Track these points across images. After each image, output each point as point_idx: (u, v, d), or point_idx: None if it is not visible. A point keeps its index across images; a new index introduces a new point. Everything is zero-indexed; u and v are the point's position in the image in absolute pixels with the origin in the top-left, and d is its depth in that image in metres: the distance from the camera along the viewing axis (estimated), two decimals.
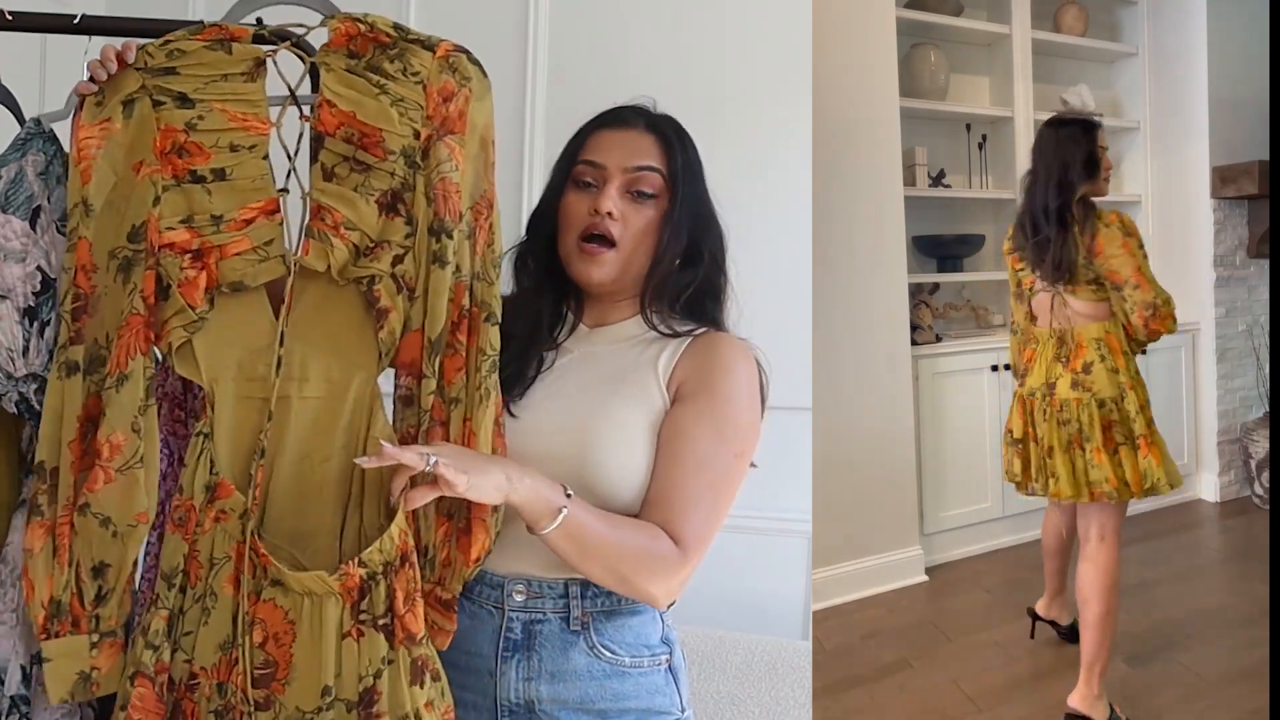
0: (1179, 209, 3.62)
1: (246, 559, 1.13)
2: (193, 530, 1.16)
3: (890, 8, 2.88)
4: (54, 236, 1.23)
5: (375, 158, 1.18)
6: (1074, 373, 2.19)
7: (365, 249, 1.19)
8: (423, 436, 1.18)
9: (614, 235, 1.25)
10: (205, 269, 1.17)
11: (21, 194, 1.22)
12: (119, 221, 1.18)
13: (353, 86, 1.19)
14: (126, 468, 1.15)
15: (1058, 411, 2.19)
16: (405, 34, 1.22)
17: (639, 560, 1.17)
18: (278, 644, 1.12)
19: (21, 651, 1.24)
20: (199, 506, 1.16)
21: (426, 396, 1.18)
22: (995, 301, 3.47)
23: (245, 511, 1.14)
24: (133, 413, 1.15)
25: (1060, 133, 2.24)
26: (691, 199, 1.29)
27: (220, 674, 1.13)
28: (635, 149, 1.28)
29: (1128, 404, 2.15)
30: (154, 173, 1.17)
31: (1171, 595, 2.83)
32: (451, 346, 1.19)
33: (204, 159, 1.18)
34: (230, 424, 1.18)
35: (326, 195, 1.18)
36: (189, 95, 1.18)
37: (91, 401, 1.17)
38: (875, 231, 2.86)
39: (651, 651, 1.27)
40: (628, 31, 2.63)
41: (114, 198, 1.18)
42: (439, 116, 1.19)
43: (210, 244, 1.18)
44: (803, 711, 2.07)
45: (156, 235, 1.17)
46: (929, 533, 3.05)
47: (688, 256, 1.30)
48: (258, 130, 1.19)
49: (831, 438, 2.63)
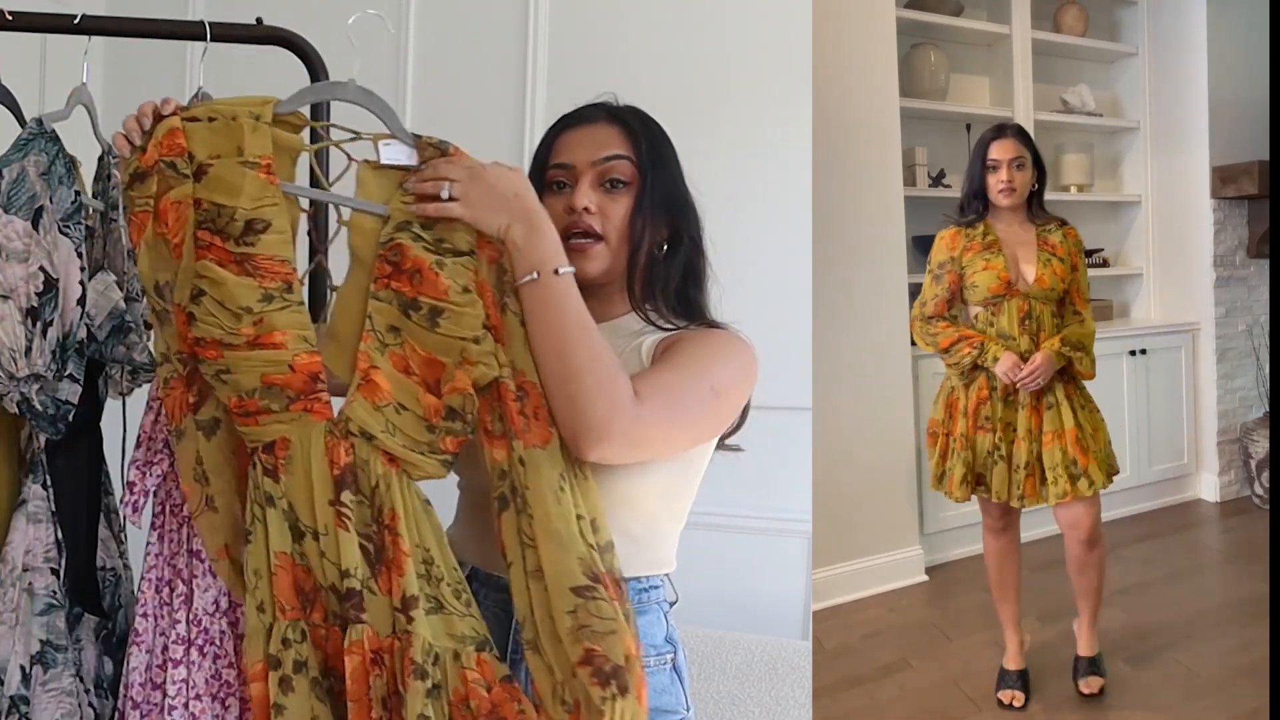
0: (1179, 209, 3.61)
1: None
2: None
3: (890, 8, 2.88)
4: (56, 237, 1.23)
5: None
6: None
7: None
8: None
9: (597, 229, 1.26)
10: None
11: (24, 194, 1.22)
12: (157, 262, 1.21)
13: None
14: (198, 513, 1.23)
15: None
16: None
17: (596, 369, 1.11)
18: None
19: (21, 651, 1.24)
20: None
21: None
22: None
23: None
24: (192, 465, 1.23)
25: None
26: (664, 182, 1.29)
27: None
28: (600, 141, 1.28)
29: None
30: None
31: (1171, 595, 2.83)
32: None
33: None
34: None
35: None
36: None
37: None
38: (875, 231, 2.86)
39: (657, 651, 1.27)
40: (628, 31, 2.63)
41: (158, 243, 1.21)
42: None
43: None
44: (803, 711, 2.07)
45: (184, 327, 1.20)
46: (929, 533, 3.04)
47: (671, 241, 1.30)
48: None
49: (831, 438, 2.63)
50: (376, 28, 1.37)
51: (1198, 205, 3.56)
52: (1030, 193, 2.26)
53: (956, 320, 2.28)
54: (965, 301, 2.27)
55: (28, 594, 1.27)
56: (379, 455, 1.16)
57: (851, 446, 2.77)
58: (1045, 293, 2.19)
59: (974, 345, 2.19)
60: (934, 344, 2.27)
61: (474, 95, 2.70)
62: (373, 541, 1.15)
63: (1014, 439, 2.20)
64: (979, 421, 2.22)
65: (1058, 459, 2.16)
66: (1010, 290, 2.19)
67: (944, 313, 2.26)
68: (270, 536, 1.17)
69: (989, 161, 2.24)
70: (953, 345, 2.22)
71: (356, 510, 1.15)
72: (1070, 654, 2.35)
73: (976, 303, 2.24)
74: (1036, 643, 2.45)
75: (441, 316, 1.14)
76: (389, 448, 1.15)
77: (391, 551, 1.14)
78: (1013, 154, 2.22)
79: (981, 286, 2.20)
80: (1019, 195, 2.23)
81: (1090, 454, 2.17)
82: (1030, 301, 2.19)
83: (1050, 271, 2.19)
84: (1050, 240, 2.23)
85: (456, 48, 2.73)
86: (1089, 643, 2.34)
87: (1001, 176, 2.22)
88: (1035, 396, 2.18)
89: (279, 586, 1.17)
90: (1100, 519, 2.24)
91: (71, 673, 1.28)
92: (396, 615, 1.14)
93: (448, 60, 2.73)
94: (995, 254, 2.21)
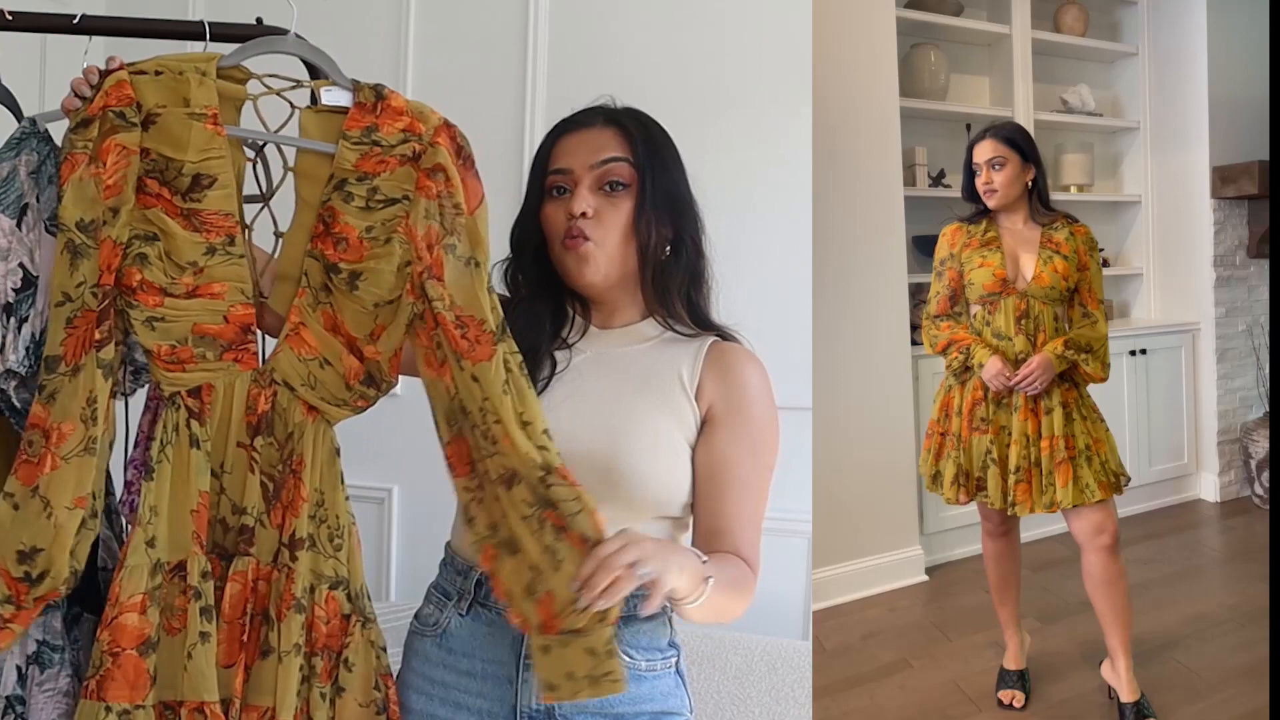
0: (1179, 209, 3.61)
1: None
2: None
3: (890, 8, 2.88)
4: (41, 235, 1.24)
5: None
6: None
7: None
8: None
9: (588, 234, 1.26)
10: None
11: (11, 192, 1.23)
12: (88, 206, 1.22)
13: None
14: (73, 454, 1.20)
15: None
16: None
17: (738, 594, 1.21)
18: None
19: (17, 651, 1.24)
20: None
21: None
22: None
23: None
24: (82, 403, 1.20)
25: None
26: (665, 183, 1.29)
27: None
28: (597, 145, 1.28)
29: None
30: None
31: (1171, 595, 2.83)
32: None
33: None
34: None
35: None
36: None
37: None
38: (875, 231, 2.86)
39: (663, 655, 1.29)
40: (628, 32, 2.63)
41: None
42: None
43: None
44: (803, 711, 2.06)
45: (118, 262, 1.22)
46: (929, 533, 3.04)
47: (675, 243, 1.30)
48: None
49: (831, 438, 2.62)
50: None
51: (1198, 205, 3.55)
52: (1030, 191, 2.24)
53: (959, 318, 2.27)
54: (967, 299, 2.27)
55: None
56: (299, 404, 1.25)
57: (851, 446, 2.77)
58: (1045, 291, 2.15)
59: (961, 349, 2.19)
60: (932, 345, 2.27)
61: (474, 95, 2.70)
62: (274, 481, 1.25)
63: (1008, 442, 2.18)
64: (974, 423, 2.20)
65: (1047, 466, 2.14)
66: (1006, 288, 2.17)
67: (946, 310, 2.25)
68: (192, 475, 1.23)
69: (973, 166, 2.24)
70: (945, 349, 2.22)
71: (265, 453, 1.25)
72: (1071, 656, 2.35)
73: (974, 300, 2.24)
74: (1036, 643, 2.45)
75: (360, 279, 1.23)
76: (308, 399, 1.25)
77: (292, 494, 1.24)
78: (989, 155, 2.21)
79: (978, 284, 2.19)
80: (1002, 196, 2.21)
81: (1078, 463, 2.14)
82: (1029, 300, 2.16)
83: (1051, 269, 2.15)
84: (1055, 238, 2.19)
85: (456, 48, 2.73)
86: (1130, 685, 2.17)
87: (982, 179, 2.22)
88: (1032, 400, 2.15)
89: (199, 523, 1.23)
90: (1116, 529, 2.14)
91: (69, 673, 1.27)
92: (282, 549, 1.24)
93: (448, 60, 2.73)
94: (993, 251, 2.20)
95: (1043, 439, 2.15)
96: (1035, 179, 2.24)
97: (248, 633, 1.23)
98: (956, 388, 2.23)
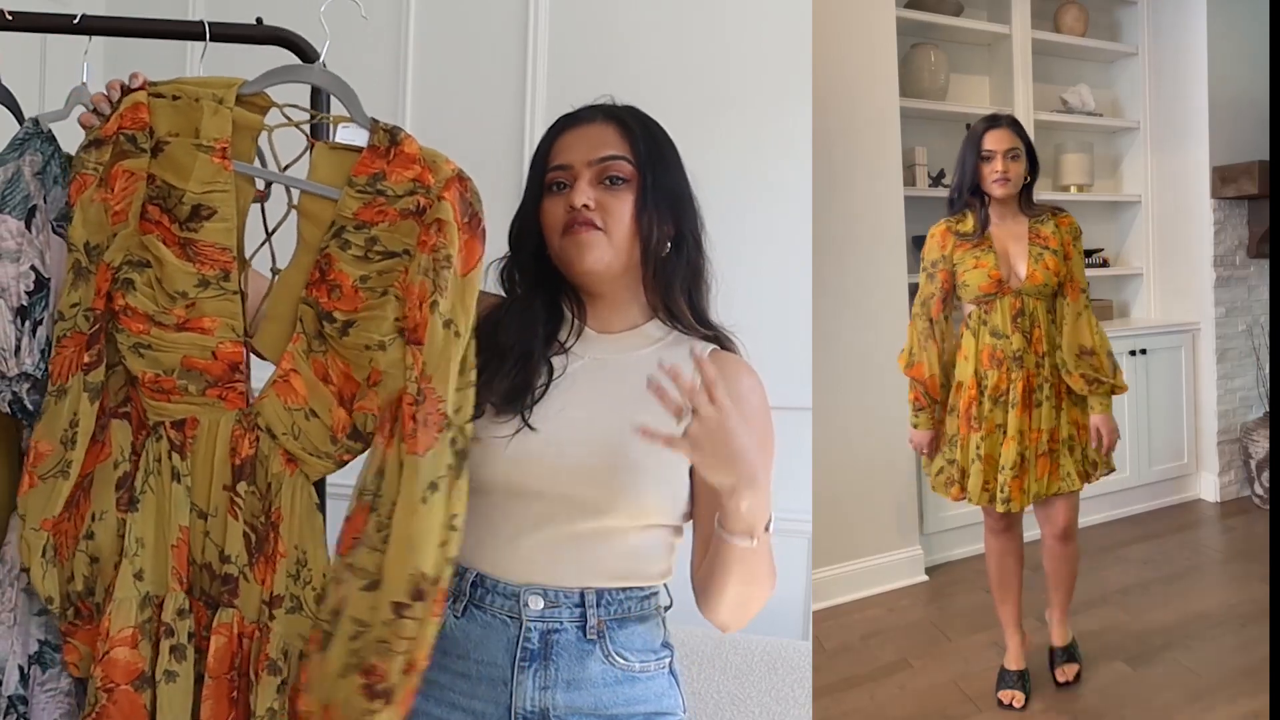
0: (1179, 209, 3.61)
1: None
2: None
3: (890, 8, 2.88)
4: (49, 236, 1.23)
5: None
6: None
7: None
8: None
9: (596, 223, 1.24)
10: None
11: (18, 194, 1.22)
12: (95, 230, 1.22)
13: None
14: (49, 475, 1.20)
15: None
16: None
17: (767, 580, 1.23)
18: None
19: (19, 651, 1.24)
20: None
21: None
22: None
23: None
24: (64, 425, 1.19)
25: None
26: (665, 180, 1.29)
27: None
28: (597, 141, 1.28)
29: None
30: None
31: (1172, 595, 2.83)
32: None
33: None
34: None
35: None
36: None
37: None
38: (875, 231, 2.86)
39: (657, 656, 1.29)
40: (628, 32, 2.62)
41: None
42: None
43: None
44: (803, 711, 2.06)
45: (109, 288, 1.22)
46: (929, 533, 3.04)
47: (677, 240, 1.29)
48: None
49: (831, 438, 2.62)
50: (377, 25, 1.37)
51: (1198, 205, 3.56)
52: (1022, 185, 2.25)
53: (949, 320, 2.29)
54: (959, 299, 2.27)
55: (26, 594, 1.26)
56: (279, 453, 1.22)
57: (851, 446, 2.77)
58: (1038, 289, 2.19)
59: (921, 402, 2.27)
60: (909, 367, 2.29)
61: (474, 95, 2.70)
62: (257, 533, 1.22)
63: (1003, 440, 2.20)
64: (970, 421, 2.22)
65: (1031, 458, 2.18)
66: (1002, 288, 2.19)
67: (941, 313, 2.26)
68: (172, 509, 1.22)
69: (984, 152, 2.23)
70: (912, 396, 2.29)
71: (248, 501, 1.22)
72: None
73: (969, 300, 2.24)
74: (1037, 643, 2.45)
75: (352, 327, 1.21)
76: (289, 448, 1.22)
77: (272, 548, 1.21)
78: (1008, 144, 2.21)
79: (973, 285, 2.20)
80: (1013, 185, 2.22)
81: (1059, 453, 2.18)
82: (1023, 299, 2.19)
83: (1042, 267, 2.19)
84: (1042, 233, 2.22)
85: (456, 48, 2.72)
86: (1062, 632, 2.38)
87: (996, 166, 2.21)
88: (1026, 395, 2.18)
89: (178, 558, 1.22)
90: (1077, 516, 2.26)
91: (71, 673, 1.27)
92: (263, 607, 1.21)
93: (448, 60, 2.72)
94: (986, 251, 2.21)
95: (1033, 431, 2.19)
96: (1032, 173, 2.27)
97: (236, 692, 1.21)
98: (955, 386, 2.25)
